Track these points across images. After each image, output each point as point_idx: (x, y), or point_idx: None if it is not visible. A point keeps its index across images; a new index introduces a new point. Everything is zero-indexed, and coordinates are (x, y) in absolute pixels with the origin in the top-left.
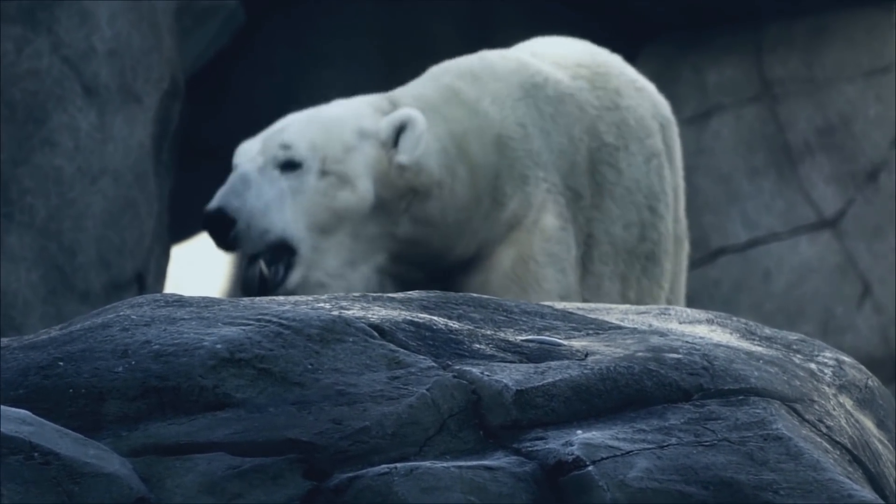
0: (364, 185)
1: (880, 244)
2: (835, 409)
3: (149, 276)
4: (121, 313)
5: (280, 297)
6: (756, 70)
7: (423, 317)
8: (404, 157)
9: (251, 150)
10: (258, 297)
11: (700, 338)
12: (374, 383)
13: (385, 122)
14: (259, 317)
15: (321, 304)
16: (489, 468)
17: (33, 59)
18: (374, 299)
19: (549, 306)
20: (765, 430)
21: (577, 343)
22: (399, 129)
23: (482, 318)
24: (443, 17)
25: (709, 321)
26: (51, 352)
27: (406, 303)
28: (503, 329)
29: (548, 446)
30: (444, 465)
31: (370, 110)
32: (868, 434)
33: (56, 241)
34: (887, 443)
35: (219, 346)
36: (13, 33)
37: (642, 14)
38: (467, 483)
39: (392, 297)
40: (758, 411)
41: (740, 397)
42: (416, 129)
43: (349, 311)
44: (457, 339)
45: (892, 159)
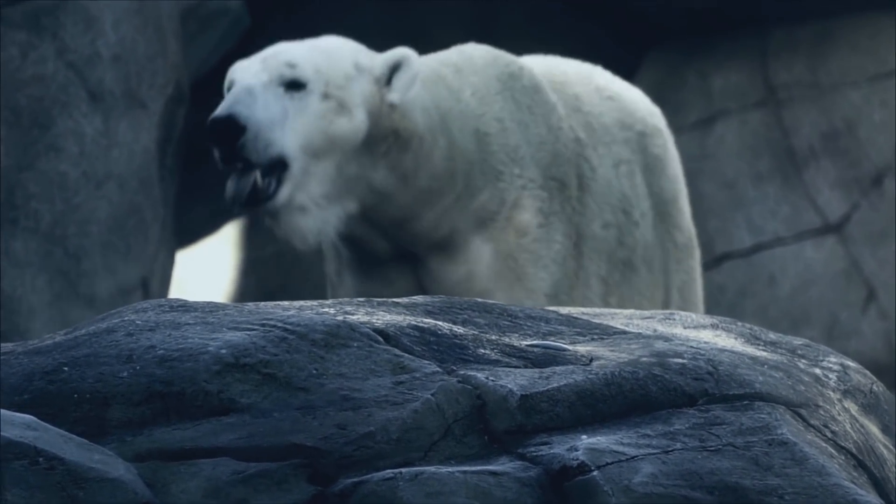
0: (360, 116)
1: (885, 249)
2: (840, 414)
3: (153, 282)
4: (125, 318)
5: (284, 303)
6: (761, 75)
7: (428, 322)
8: (396, 95)
9: (251, 67)
10: (261, 306)
11: (705, 343)
12: (379, 388)
13: (381, 59)
14: (263, 322)
15: (326, 310)
16: (494, 473)
17: (38, 65)
18: (379, 304)
19: (553, 311)
20: (770, 435)
21: (582, 348)
22: (394, 68)
23: (487, 323)
24: (447, 22)
25: (713, 326)
26: (55, 357)
27: (411, 308)
28: (508, 334)
29: (552, 451)
30: (449, 470)
31: (364, 48)
32: (873, 439)
33: (61, 247)
34: (892, 447)
35: (223, 351)
36: (18, 39)
37: (647, 20)
38: (472, 488)
39: (397, 303)
40: (763, 416)
41: (745, 402)
42: (411, 69)
43: (354, 317)
44: (461, 344)
45: None
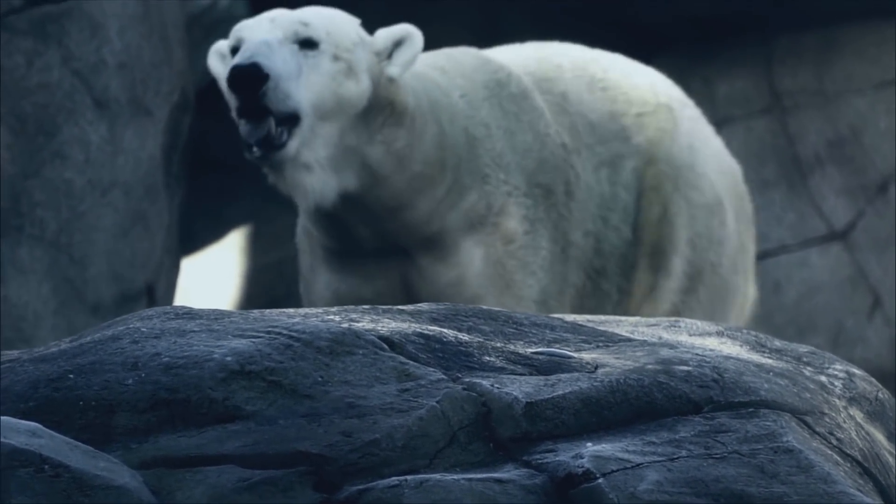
0: (365, 81)
1: (890, 256)
2: (845, 422)
3: (159, 289)
4: (131, 326)
5: (290, 310)
6: (766, 82)
7: (433, 329)
8: (396, 69)
9: (261, 25)
10: (266, 313)
11: (710, 350)
12: (384, 396)
13: (384, 32)
14: (269, 329)
15: (331, 317)
16: (499, 481)
17: (43, 73)
18: (384, 312)
19: (558, 318)
20: (775, 442)
21: (587, 355)
22: (397, 43)
23: (492, 331)
24: (452, 26)
25: (719, 333)
26: (61, 364)
27: (416, 315)
28: (513, 341)
29: (558, 459)
30: (455, 477)
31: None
32: (879, 446)
33: (66, 254)
34: None
35: (229, 358)
36: (23, 46)
37: (652, 26)
38: (477, 495)
39: (402, 310)
40: (768, 424)
41: (750, 410)
42: (415, 45)
43: (359, 324)
44: (467, 351)
45: None
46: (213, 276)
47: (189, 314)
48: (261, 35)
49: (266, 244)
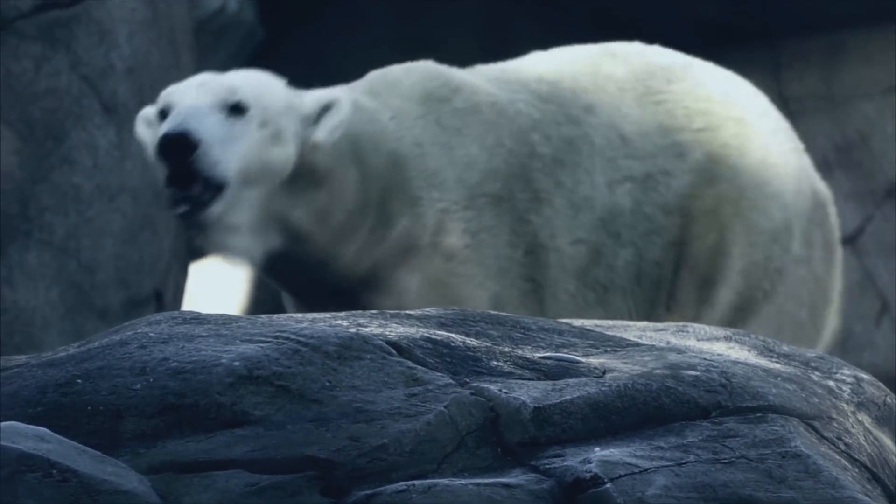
0: (291, 148)
1: None
2: (853, 427)
3: (167, 294)
4: (139, 331)
5: (298, 315)
6: (774, 87)
7: (441, 334)
8: (323, 135)
9: (189, 91)
10: (274, 318)
11: (718, 355)
12: (392, 400)
13: (312, 98)
14: (277, 334)
15: (339, 322)
16: (507, 485)
17: (52, 78)
18: (392, 316)
19: (566, 323)
20: (783, 447)
21: (595, 360)
22: (324, 109)
23: (500, 336)
24: (461, 33)
25: (726, 338)
26: (69, 369)
27: (423, 320)
28: (521, 346)
29: (565, 464)
30: (462, 482)
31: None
32: (887, 451)
33: (75, 259)
34: None
35: (236, 363)
36: (32, 51)
37: (658, 33)
38: (485, 500)
39: (409, 315)
40: (776, 429)
41: (758, 414)
42: (342, 113)
43: (367, 329)
44: (474, 356)
45: None
46: (220, 281)
47: (197, 319)
48: (190, 101)
49: None
